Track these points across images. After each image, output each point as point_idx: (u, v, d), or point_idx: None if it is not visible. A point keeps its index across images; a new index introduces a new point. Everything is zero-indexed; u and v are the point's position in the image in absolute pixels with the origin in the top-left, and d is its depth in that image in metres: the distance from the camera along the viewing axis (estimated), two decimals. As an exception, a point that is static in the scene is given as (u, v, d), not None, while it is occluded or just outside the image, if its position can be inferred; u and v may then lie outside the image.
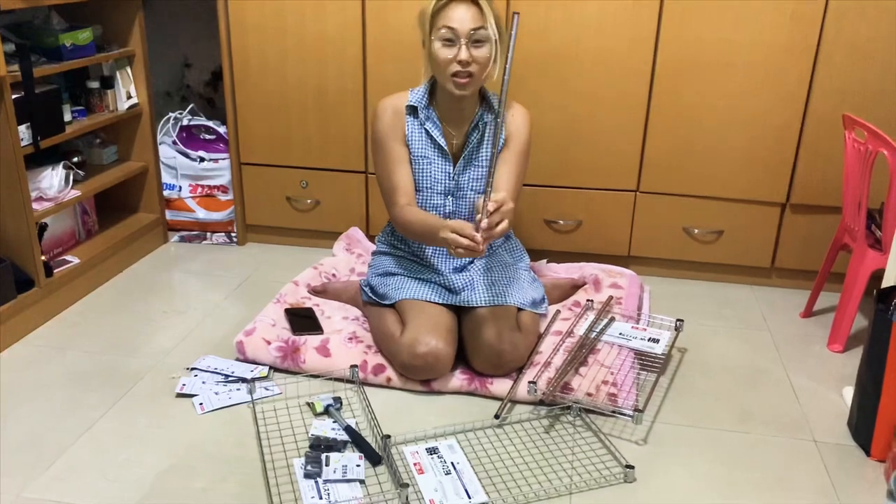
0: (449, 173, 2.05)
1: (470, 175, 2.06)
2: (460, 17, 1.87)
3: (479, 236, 1.72)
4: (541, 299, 2.16)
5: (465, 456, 1.68)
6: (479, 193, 2.05)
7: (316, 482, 1.58)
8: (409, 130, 2.04)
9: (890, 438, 1.67)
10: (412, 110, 2.03)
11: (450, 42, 1.89)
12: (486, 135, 2.04)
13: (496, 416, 1.81)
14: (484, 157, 2.05)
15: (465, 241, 1.72)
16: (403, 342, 1.89)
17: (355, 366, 1.95)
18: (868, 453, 1.75)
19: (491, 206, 1.73)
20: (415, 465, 1.65)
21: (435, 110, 2.04)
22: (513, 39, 1.73)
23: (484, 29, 1.88)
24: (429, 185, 2.06)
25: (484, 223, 1.72)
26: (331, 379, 1.96)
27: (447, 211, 2.08)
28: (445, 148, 2.03)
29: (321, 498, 1.54)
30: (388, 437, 1.70)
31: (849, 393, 1.92)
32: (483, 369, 1.94)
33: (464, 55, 1.88)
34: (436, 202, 2.07)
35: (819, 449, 1.77)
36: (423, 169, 2.05)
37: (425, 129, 2.03)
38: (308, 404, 1.86)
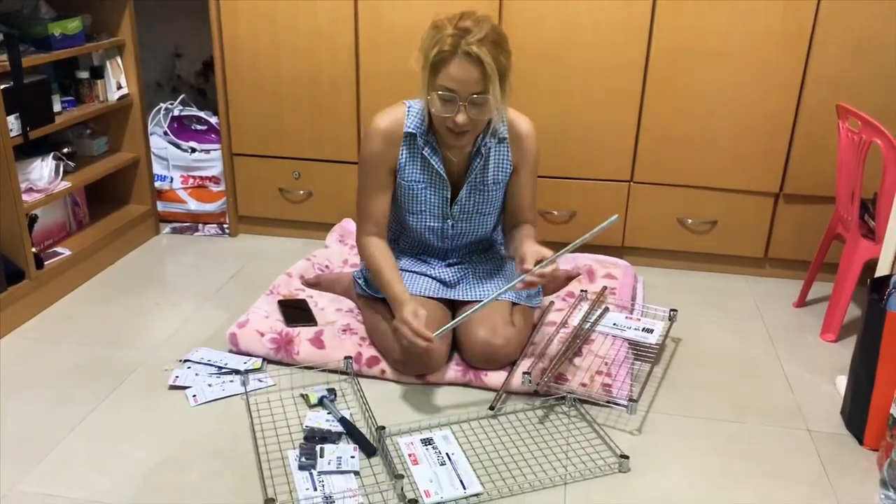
0: (447, 198, 1.98)
1: (475, 200, 1.99)
2: (462, 79, 1.73)
3: (425, 343, 1.74)
4: (535, 292, 2.16)
5: (459, 446, 1.68)
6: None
7: (310, 474, 1.58)
8: (402, 157, 1.94)
9: (883, 427, 1.68)
10: (409, 136, 1.93)
11: (448, 100, 1.77)
12: (492, 159, 1.97)
13: (491, 408, 1.81)
14: (491, 182, 1.97)
15: (410, 338, 1.75)
16: (397, 337, 1.88)
17: (349, 357, 1.95)
18: (861, 442, 1.75)
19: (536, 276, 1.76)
20: (409, 455, 1.65)
21: (434, 135, 1.93)
22: (593, 233, 1.70)
23: (485, 94, 1.75)
24: (424, 209, 2.00)
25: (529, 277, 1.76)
26: (325, 370, 1.96)
27: (448, 234, 2.04)
28: (443, 175, 1.95)
29: (316, 489, 1.53)
30: (383, 428, 1.70)
31: (842, 382, 1.93)
32: (476, 363, 1.93)
33: (461, 119, 1.77)
34: (432, 224, 2.02)
35: (812, 438, 1.78)
36: (417, 194, 1.97)
37: (423, 154, 1.93)
38: (302, 396, 1.86)
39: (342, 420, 1.74)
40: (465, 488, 1.55)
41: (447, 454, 1.65)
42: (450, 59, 1.73)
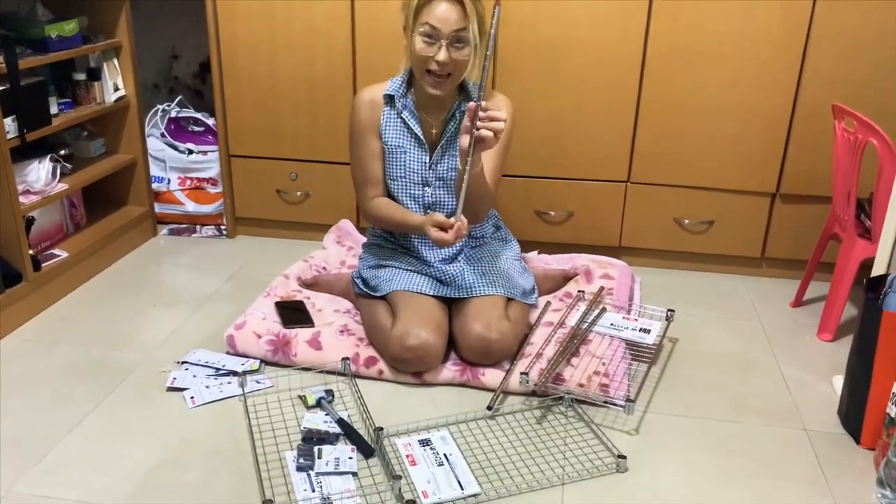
0: (425, 163, 2.04)
1: (448, 164, 2.05)
2: (444, 17, 1.84)
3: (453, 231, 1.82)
4: (531, 289, 2.16)
5: (457, 447, 1.68)
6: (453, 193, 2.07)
7: (308, 475, 1.58)
8: (384, 120, 2.03)
9: (879, 427, 1.68)
10: (389, 99, 2.02)
11: (430, 39, 1.86)
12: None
13: (489, 408, 1.81)
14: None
15: (446, 236, 1.82)
16: (394, 335, 1.88)
17: (347, 358, 1.95)
18: (858, 441, 1.76)
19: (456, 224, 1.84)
20: (407, 456, 1.65)
21: (412, 99, 2.03)
22: (493, 29, 1.72)
23: (466, 31, 1.85)
24: (403, 175, 2.05)
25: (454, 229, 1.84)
26: (322, 372, 1.96)
27: (426, 201, 2.08)
28: (422, 137, 2.02)
29: (314, 490, 1.53)
30: (381, 429, 1.70)
31: (839, 382, 1.93)
32: (472, 358, 1.94)
33: (442, 56, 1.86)
34: (413, 192, 2.07)
35: (809, 437, 1.78)
36: (398, 158, 2.04)
37: (402, 118, 2.02)
38: (300, 397, 1.86)
39: (340, 421, 1.74)
40: (462, 489, 1.55)
41: (445, 455, 1.65)
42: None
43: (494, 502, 1.54)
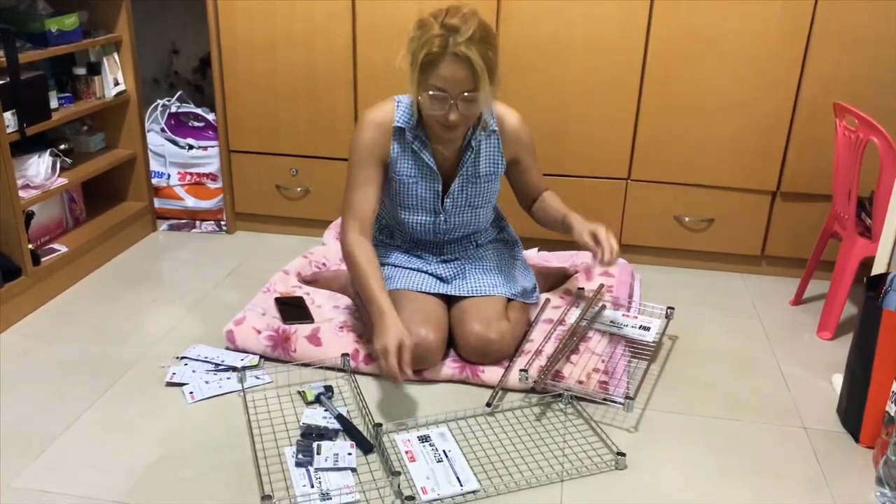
0: (438, 192, 1.98)
1: (467, 193, 1.99)
2: (452, 78, 1.73)
3: (403, 374, 1.68)
4: (531, 289, 2.16)
5: (456, 444, 1.68)
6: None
7: (307, 470, 1.58)
8: (394, 151, 1.94)
9: (878, 425, 1.68)
10: (399, 131, 1.93)
11: (440, 99, 1.77)
12: (483, 152, 1.98)
13: (488, 405, 1.81)
14: (483, 174, 1.98)
15: (387, 364, 1.68)
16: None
17: (346, 354, 1.95)
18: (857, 440, 1.76)
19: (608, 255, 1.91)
20: (406, 452, 1.65)
21: (423, 129, 1.93)
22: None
23: (475, 91, 1.76)
24: (415, 204, 1.99)
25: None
26: (322, 367, 1.96)
27: (439, 228, 2.04)
28: (434, 168, 1.95)
29: (312, 486, 1.53)
30: (380, 425, 1.70)
31: (838, 380, 1.93)
32: (470, 357, 1.94)
33: (453, 117, 1.79)
34: (423, 220, 2.02)
35: (809, 436, 1.78)
36: (409, 188, 1.97)
37: (413, 148, 1.93)
38: (299, 393, 1.86)
39: (339, 417, 1.74)
40: (461, 485, 1.55)
41: (444, 451, 1.65)
42: (439, 60, 1.73)
43: (493, 499, 1.54)
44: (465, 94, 1.76)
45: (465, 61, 1.72)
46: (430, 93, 1.77)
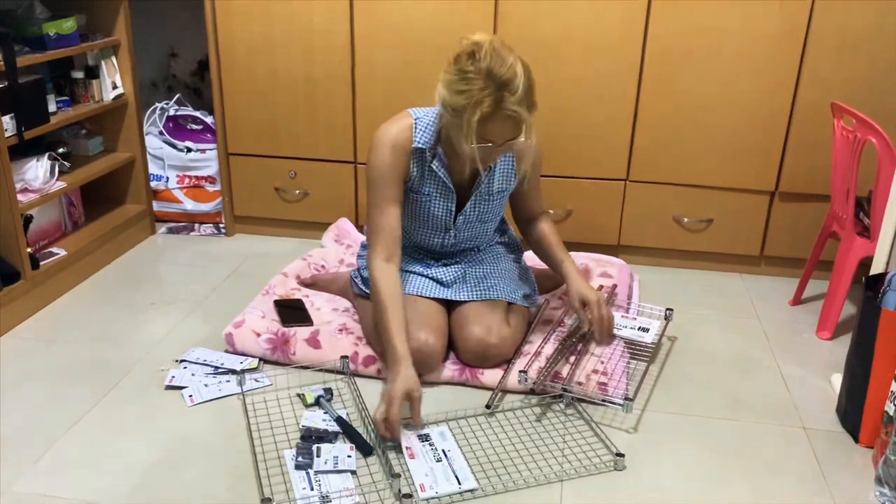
0: (451, 210, 1.97)
1: (480, 210, 1.99)
2: (502, 133, 1.72)
3: (394, 433, 1.65)
4: (532, 292, 2.16)
5: (456, 443, 1.68)
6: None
7: (307, 473, 1.58)
8: (413, 171, 1.90)
9: (878, 425, 1.68)
10: (419, 152, 1.89)
11: (488, 148, 1.75)
12: (498, 169, 1.96)
13: (487, 407, 1.81)
14: (496, 191, 1.98)
15: (379, 422, 1.65)
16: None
17: (346, 357, 1.95)
18: (856, 440, 1.76)
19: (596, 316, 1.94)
20: (406, 448, 1.65)
21: (442, 147, 1.89)
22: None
23: (520, 137, 1.74)
24: (426, 219, 1.99)
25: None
26: (321, 370, 1.95)
27: (448, 242, 2.04)
28: (451, 187, 1.94)
29: (312, 489, 1.53)
30: (380, 426, 1.70)
31: (837, 380, 1.93)
32: (470, 362, 1.94)
33: (496, 157, 1.84)
34: (433, 234, 2.02)
35: (808, 436, 1.78)
36: (423, 205, 1.96)
37: (431, 167, 1.90)
38: (299, 395, 1.85)
39: (339, 419, 1.74)
40: (460, 484, 1.55)
41: (443, 450, 1.65)
42: (490, 118, 1.69)
43: (492, 498, 1.54)
44: (510, 140, 1.75)
45: (516, 119, 1.70)
46: (479, 144, 1.72)
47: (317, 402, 1.82)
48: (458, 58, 1.71)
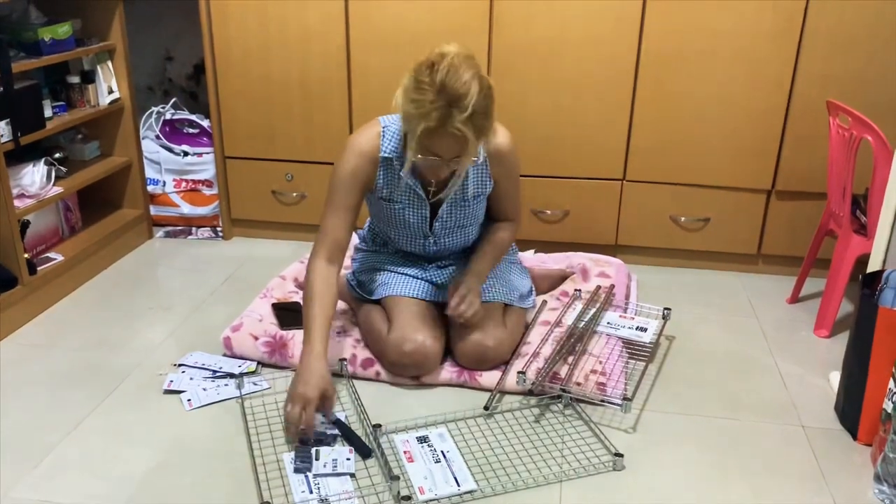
0: (425, 217, 1.96)
1: (456, 215, 1.97)
2: (447, 150, 1.70)
3: (293, 429, 1.66)
4: (528, 293, 2.16)
5: (455, 444, 1.68)
6: (462, 240, 2.04)
7: (306, 476, 1.58)
8: (380, 179, 1.91)
9: (876, 422, 1.68)
10: (386, 161, 1.89)
11: (430, 160, 1.73)
12: (471, 175, 1.93)
13: (486, 408, 1.81)
14: (471, 196, 1.95)
15: (291, 418, 1.66)
16: (390, 341, 1.88)
17: (344, 359, 1.95)
18: (855, 437, 1.76)
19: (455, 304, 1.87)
20: (405, 453, 1.65)
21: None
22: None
23: (465, 156, 1.71)
24: (404, 228, 1.99)
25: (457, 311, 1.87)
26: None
27: (429, 251, 2.04)
28: (422, 195, 1.92)
29: (311, 492, 1.53)
30: (379, 426, 1.70)
31: (835, 378, 1.94)
32: (468, 364, 1.93)
33: (443, 175, 1.83)
34: (412, 241, 2.02)
35: (807, 434, 1.78)
36: (396, 213, 1.96)
37: (400, 175, 1.89)
38: (297, 398, 1.85)
39: (337, 422, 1.74)
40: (459, 485, 1.55)
41: (442, 452, 1.65)
42: (435, 133, 1.66)
43: (491, 499, 1.54)
44: (457, 157, 1.72)
45: (461, 138, 1.66)
46: (422, 157, 1.72)
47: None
48: (418, 67, 1.68)
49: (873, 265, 1.91)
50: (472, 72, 1.65)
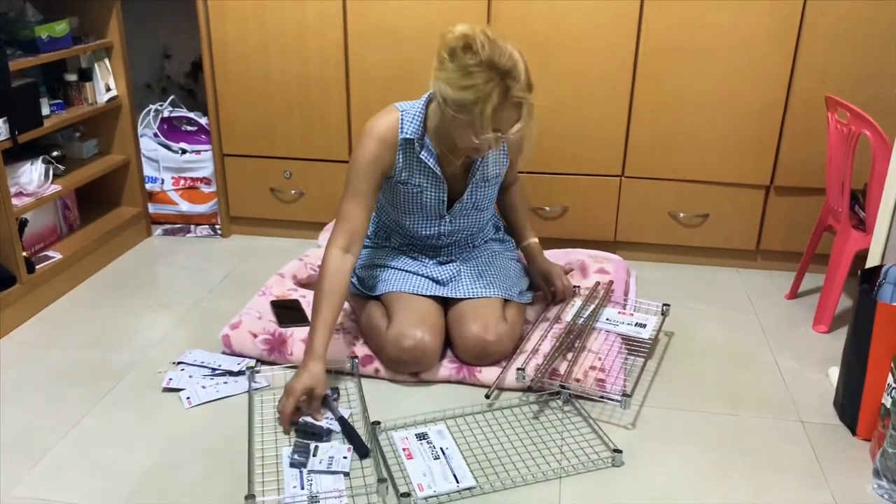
0: (443, 200, 1.97)
1: (477, 197, 1.99)
2: (509, 120, 1.71)
3: (285, 425, 1.71)
4: (527, 288, 2.16)
5: (454, 441, 1.68)
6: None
7: (301, 472, 1.57)
8: (399, 162, 1.91)
9: (875, 417, 1.68)
10: (407, 143, 1.89)
11: (497, 137, 1.73)
12: (491, 153, 1.95)
13: (486, 396, 1.82)
14: (491, 176, 1.99)
15: (285, 406, 1.70)
16: (389, 336, 1.88)
17: (355, 357, 1.94)
18: (854, 432, 1.76)
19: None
20: (404, 450, 1.65)
21: (430, 137, 1.90)
22: None
23: (523, 123, 1.73)
24: (420, 211, 1.99)
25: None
26: (328, 371, 1.95)
27: (443, 230, 2.04)
28: (441, 177, 1.93)
29: (303, 488, 1.53)
30: (378, 423, 1.70)
31: (834, 373, 1.94)
32: (468, 360, 1.94)
33: (496, 146, 1.81)
34: (426, 224, 2.03)
35: (806, 429, 1.78)
36: (414, 195, 1.96)
37: (420, 158, 1.90)
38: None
39: (341, 419, 1.74)
40: (458, 482, 1.55)
41: (441, 448, 1.65)
42: (500, 108, 1.68)
43: (490, 496, 1.54)
44: (514, 128, 1.73)
45: (523, 104, 1.70)
46: (492, 135, 1.71)
47: (323, 401, 1.82)
48: (453, 52, 1.68)
49: (872, 260, 1.91)
50: (505, 42, 1.71)
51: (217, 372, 1.95)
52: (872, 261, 1.91)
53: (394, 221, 2.08)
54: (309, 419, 1.72)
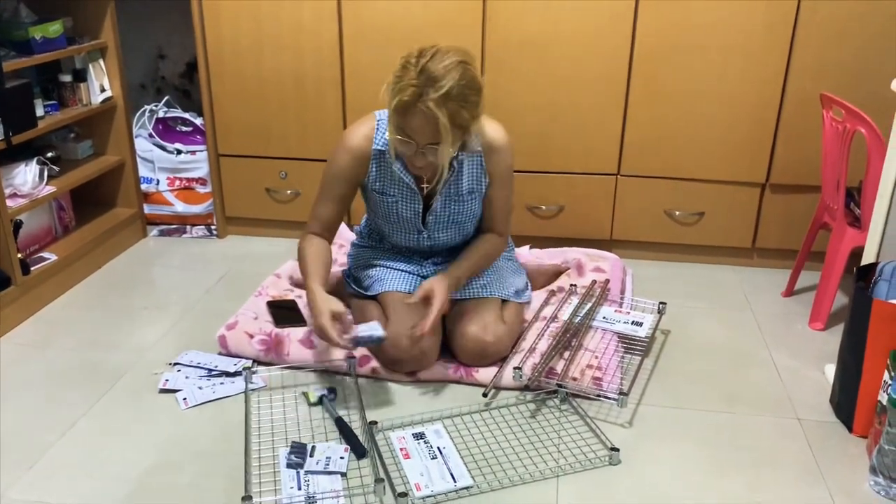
0: (418, 211, 1.96)
1: (450, 210, 1.96)
2: (417, 130, 1.71)
3: (338, 341, 1.75)
4: (524, 288, 2.16)
5: (451, 440, 1.68)
6: (460, 232, 2.02)
7: (297, 473, 1.57)
8: (372, 172, 1.93)
9: (871, 414, 1.69)
10: (380, 153, 1.91)
11: (406, 143, 1.75)
12: (465, 170, 1.93)
13: (484, 395, 1.82)
14: (466, 192, 1.95)
15: (331, 336, 1.74)
16: (387, 337, 1.87)
17: (353, 357, 1.94)
18: (850, 429, 1.76)
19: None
20: (401, 450, 1.65)
21: None
22: None
23: (437, 144, 1.72)
24: (396, 220, 1.99)
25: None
26: (323, 371, 1.95)
27: (423, 245, 2.03)
28: (414, 188, 1.92)
29: (300, 489, 1.53)
30: (374, 423, 1.70)
31: (830, 370, 1.94)
32: (467, 360, 1.93)
33: (419, 163, 1.79)
34: (407, 237, 2.02)
35: (802, 426, 1.79)
36: (389, 206, 1.96)
37: (393, 168, 1.90)
38: (303, 394, 1.85)
39: (338, 420, 1.73)
40: (455, 481, 1.55)
41: (438, 448, 1.65)
42: (408, 109, 1.69)
43: (487, 495, 1.54)
44: (429, 145, 1.73)
45: (431, 118, 1.68)
46: (398, 136, 1.75)
47: (319, 402, 1.82)
48: (409, 54, 1.73)
49: (867, 257, 1.92)
50: (456, 60, 1.70)
51: (213, 373, 1.95)
52: (868, 258, 1.91)
53: (380, 227, 2.08)
54: (358, 332, 1.76)
